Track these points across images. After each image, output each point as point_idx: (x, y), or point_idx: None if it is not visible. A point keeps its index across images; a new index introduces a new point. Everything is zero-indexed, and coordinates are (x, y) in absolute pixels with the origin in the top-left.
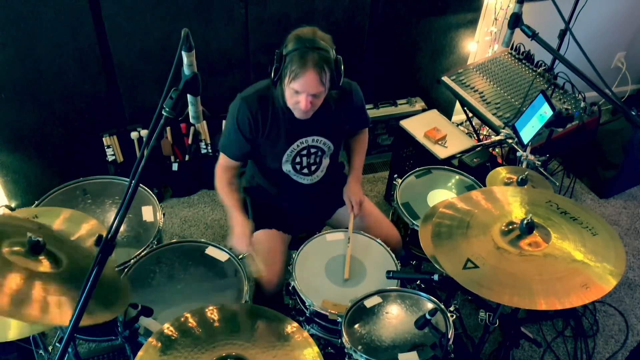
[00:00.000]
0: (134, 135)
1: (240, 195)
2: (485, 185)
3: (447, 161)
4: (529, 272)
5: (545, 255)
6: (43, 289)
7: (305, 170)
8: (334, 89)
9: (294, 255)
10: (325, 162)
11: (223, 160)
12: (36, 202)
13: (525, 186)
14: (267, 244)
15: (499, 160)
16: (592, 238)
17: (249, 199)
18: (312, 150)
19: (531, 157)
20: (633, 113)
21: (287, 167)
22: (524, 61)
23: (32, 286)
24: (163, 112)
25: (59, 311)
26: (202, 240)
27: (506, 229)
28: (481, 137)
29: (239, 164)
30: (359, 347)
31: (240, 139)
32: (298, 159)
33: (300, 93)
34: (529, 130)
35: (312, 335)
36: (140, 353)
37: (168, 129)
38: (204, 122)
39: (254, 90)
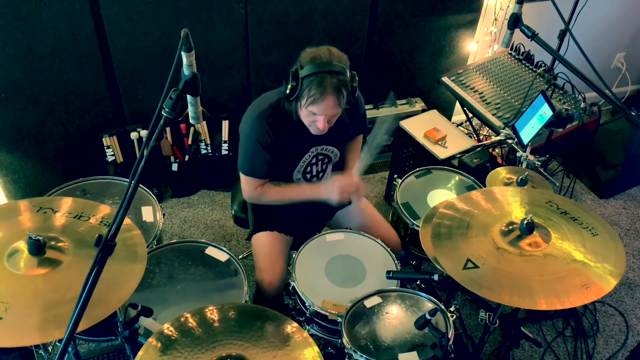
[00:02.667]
0: (133, 135)
1: (241, 197)
2: (485, 186)
3: (447, 161)
4: (529, 272)
5: (545, 255)
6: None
7: (315, 179)
8: (348, 104)
9: (293, 256)
10: (330, 169)
11: (255, 182)
12: None
13: (525, 186)
14: (268, 246)
15: (499, 161)
16: (592, 238)
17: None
18: (320, 158)
19: (531, 157)
20: (633, 113)
21: (297, 176)
22: (523, 61)
23: None
24: (163, 113)
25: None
26: (202, 240)
27: (506, 229)
28: (481, 137)
29: (268, 179)
30: (359, 347)
31: (265, 154)
32: (309, 169)
33: (318, 115)
34: (528, 131)
35: (312, 335)
36: (140, 353)
37: (168, 129)
38: (204, 122)
39: (267, 105)
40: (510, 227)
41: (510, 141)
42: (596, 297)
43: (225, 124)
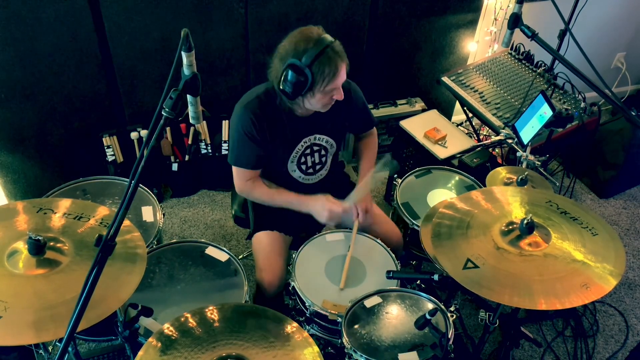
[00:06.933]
0: (133, 135)
1: (241, 197)
2: (485, 186)
3: (447, 161)
4: (529, 272)
5: (545, 255)
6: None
7: (311, 170)
8: None
9: (293, 255)
10: (328, 161)
11: (244, 174)
12: None
13: (525, 186)
14: (268, 246)
15: (499, 161)
16: (592, 238)
17: (250, 200)
18: (315, 149)
19: (531, 157)
20: (633, 113)
21: (292, 168)
22: (523, 61)
23: None
24: (163, 113)
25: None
26: (202, 240)
27: (506, 229)
28: (481, 137)
29: (259, 171)
30: (359, 347)
31: (252, 145)
32: (303, 159)
33: (335, 89)
34: (528, 131)
35: (312, 335)
36: (140, 353)
37: (168, 129)
38: (204, 122)
39: (255, 96)
40: (510, 227)
41: (510, 141)
42: (596, 297)
43: (225, 124)
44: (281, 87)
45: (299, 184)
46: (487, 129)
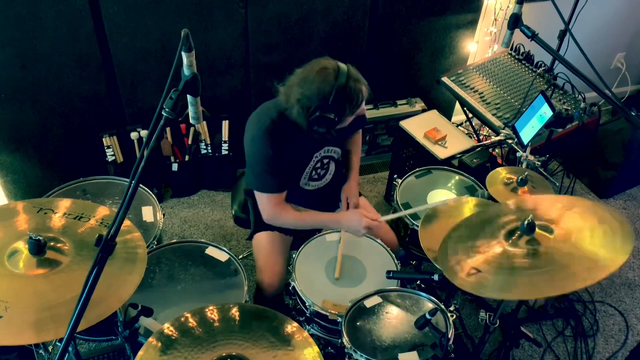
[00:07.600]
0: (133, 135)
1: (242, 197)
2: (485, 186)
3: (447, 161)
4: (534, 267)
5: (549, 249)
6: None
7: (316, 176)
8: None
9: (293, 256)
10: (332, 167)
11: (274, 199)
12: None
13: (525, 186)
14: (269, 246)
15: (499, 161)
16: (598, 225)
17: (250, 201)
18: (325, 161)
19: (531, 157)
20: (633, 113)
21: (304, 182)
22: (523, 62)
23: None
24: (163, 113)
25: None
26: (202, 240)
27: (507, 231)
28: (481, 137)
29: (286, 192)
30: (359, 347)
31: (277, 169)
32: (314, 173)
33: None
34: (528, 131)
35: (312, 335)
36: (140, 353)
37: (168, 129)
38: (204, 122)
39: (269, 120)
40: (511, 228)
41: (510, 141)
42: (603, 275)
43: (225, 124)
44: (314, 128)
45: (304, 191)
46: (487, 129)
